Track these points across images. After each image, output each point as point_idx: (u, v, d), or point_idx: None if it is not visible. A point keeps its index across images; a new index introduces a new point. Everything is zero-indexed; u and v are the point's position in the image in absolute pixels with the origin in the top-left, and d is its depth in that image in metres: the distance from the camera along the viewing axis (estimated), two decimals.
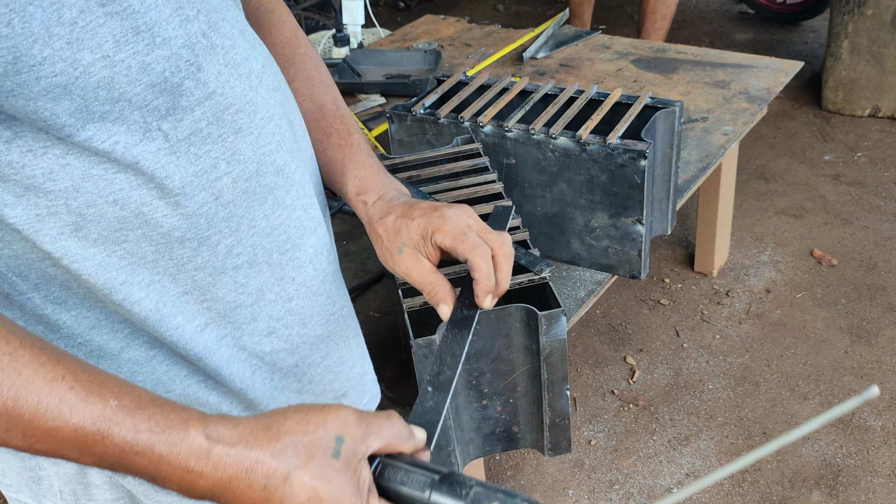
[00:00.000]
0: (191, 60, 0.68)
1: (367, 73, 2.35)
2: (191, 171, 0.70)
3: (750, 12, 4.54)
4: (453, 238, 0.80)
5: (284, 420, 0.58)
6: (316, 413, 0.59)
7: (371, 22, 3.18)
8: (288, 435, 0.57)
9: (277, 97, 0.79)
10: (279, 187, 0.79)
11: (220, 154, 0.72)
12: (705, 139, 1.91)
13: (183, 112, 0.68)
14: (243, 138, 0.74)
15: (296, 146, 0.82)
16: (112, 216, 0.68)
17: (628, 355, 2.37)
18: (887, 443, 2.03)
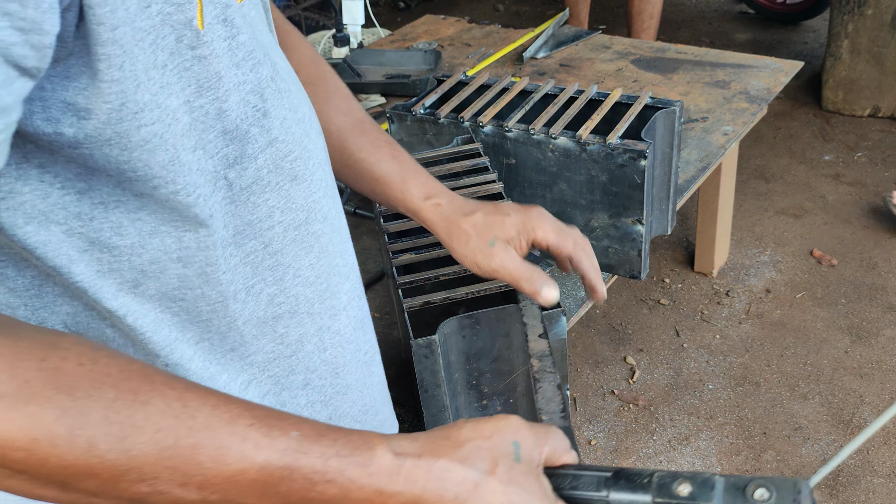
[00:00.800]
0: (258, 106, 0.65)
1: (367, 73, 2.35)
2: (246, 219, 0.67)
3: (750, 12, 4.54)
4: (556, 235, 0.88)
5: (460, 430, 0.57)
6: (488, 422, 0.58)
7: (371, 22, 3.18)
8: (469, 442, 0.56)
9: (322, 141, 0.77)
10: (324, 234, 0.76)
11: (277, 202, 0.69)
12: (705, 139, 1.91)
13: (248, 160, 0.65)
14: (298, 185, 0.71)
15: (335, 191, 0.80)
16: (173, 273, 0.64)
17: (628, 355, 2.37)
18: (887, 443, 2.03)
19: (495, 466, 0.55)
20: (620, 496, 0.58)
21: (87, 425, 0.48)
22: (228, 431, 0.50)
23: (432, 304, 1.06)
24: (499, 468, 0.55)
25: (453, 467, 0.54)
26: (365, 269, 1.57)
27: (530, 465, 0.57)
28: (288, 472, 0.51)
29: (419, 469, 0.54)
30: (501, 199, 1.23)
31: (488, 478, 0.55)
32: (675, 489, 0.57)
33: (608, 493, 0.59)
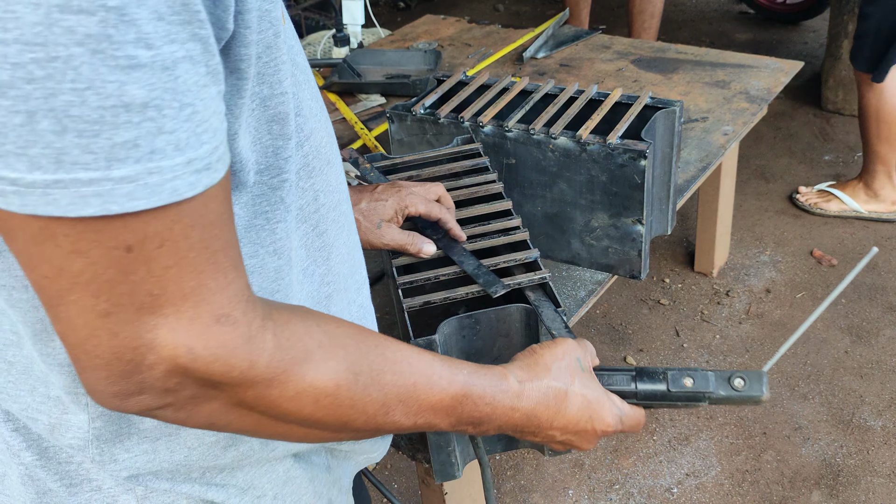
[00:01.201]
0: (296, 94, 0.67)
1: (367, 73, 2.35)
2: (298, 204, 0.70)
3: (750, 12, 4.54)
4: (425, 206, 1.11)
5: (542, 356, 0.79)
6: (556, 346, 0.81)
7: (371, 22, 3.18)
8: (553, 363, 0.78)
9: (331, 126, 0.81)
10: (348, 212, 0.81)
11: (321, 186, 0.73)
12: (705, 139, 1.91)
13: (299, 146, 0.68)
14: (332, 169, 0.76)
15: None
16: (271, 266, 0.67)
17: (628, 355, 2.37)
18: (887, 443, 2.03)
19: (573, 378, 0.79)
20: (645, 387, 0.84)
21: (362, 371, 0.62)
22: (431, 371, 0.68)
23: (432, 304, 1.06)
24: (575, 378, 0.79)
25: (551, 384, 0.77)
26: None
27: (589, 371, 0.81)
28: (465, 397, 0.70)
29: (532, 389, 0.76)
30: (501, 198, 1.23)
31: (571, 387, 0.78)
32: (682, 381, 0.84)
33: (636, 385, 0.84)
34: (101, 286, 0.49)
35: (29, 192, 0.46)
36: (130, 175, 0.46)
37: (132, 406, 0.54)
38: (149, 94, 0.46)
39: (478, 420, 0.72)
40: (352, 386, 0.61)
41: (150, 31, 0.45)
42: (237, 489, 0.76)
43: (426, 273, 1.10)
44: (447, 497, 1.37)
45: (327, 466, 0.86)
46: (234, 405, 0.57)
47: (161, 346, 0.51)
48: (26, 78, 0.43)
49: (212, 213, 0.52)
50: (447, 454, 1.10)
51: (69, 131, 0.45)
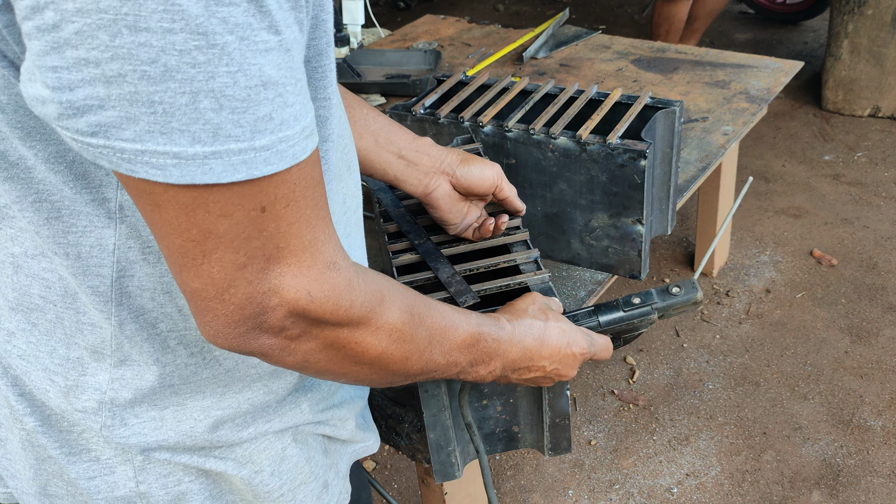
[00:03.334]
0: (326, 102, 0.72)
1: (367, 73, 2.35)
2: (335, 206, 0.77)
3: (750, 12, 4.54)
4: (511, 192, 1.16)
5: (518, 304, 0.90)
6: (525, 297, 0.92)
7: (371, 22, 3.18)
8: (529, 307, 0.90)
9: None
10: (360, 217, 0.87)
11: (347, 190, 0.80)
12: (705, 139, 1.91)
13: (326, 152, 0.73)
14: (351, 174, 0.81)
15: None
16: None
17: (628, 355, 2.37)
18: (887, 443, 2.03)
19: (547, 315, 0.90)
20: (605, 317, 0.97)
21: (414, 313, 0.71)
22: (453, 315, 0.77)
23: None
24: (549, 315, 0.90)
25: (533, 322, 0.88)
26: None
27: (556, 312, 0.92)
28: (479, 335, 0.80)
29: (520, 325, 0.86)
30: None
31: (547, 322, 0.89)
32: (632, 300, 0.97)
33: (598, 318, 0.97)
34: (241, 243, 0.56)
35: (189, 164, 0.51)
36: (267, 144, 0.53)
37: (250, 343, 0.61)
38: (278, 73, 0.53)
39: (488, 356, 0.81)
40: (410, 323, 0.70)
41: (278, 18, 0.52)
42: (236, 462, 0.79)
43: (426, 273, 1.10)
44: (447, 497, 1.37)
45: (324, 450, 0.88)
46: (328, 344, 0.64)
47: (285, 289, 0.59)
48: (191, 63, 0.49)
49: (317, 174, 0.59)
50: (447, 454, 1.10)
51: (224, 109, 0.51)
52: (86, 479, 0.76)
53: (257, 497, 0.81)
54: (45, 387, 0.73)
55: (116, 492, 0.77)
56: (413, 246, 1.14)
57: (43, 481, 0.79)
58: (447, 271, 1.09)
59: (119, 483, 0.77)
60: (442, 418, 1.06)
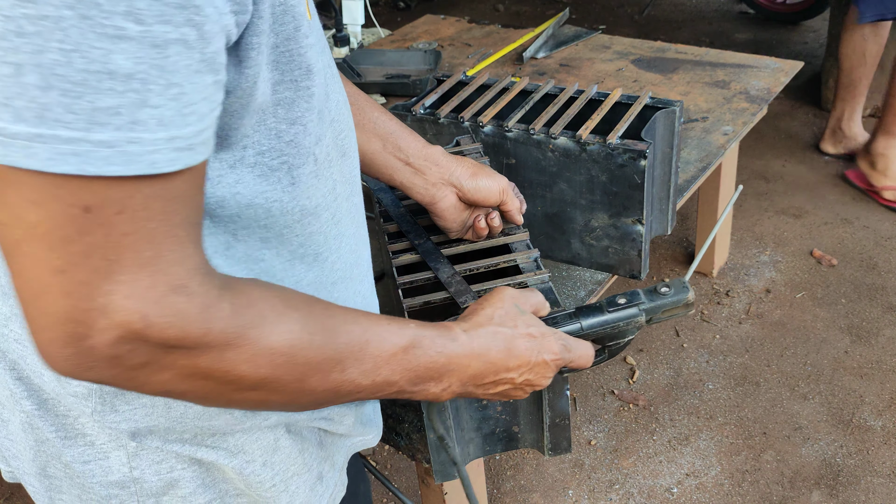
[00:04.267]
0: (325, 89, 0.71)
1: (367, 73, 2.35)
2: (322, 191, 0.74)
3: (750, 12, 4.54)
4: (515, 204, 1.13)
5: (484, 309, 0.82)
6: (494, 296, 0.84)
7: (371, 22, 3.18)
8: (495, 313, 0.81)
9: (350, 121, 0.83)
10: (360, 204, 0.85)
11: (339, 176, 0.77)
12: (705, 139, 1.91)
13: (324, 138, 0.72)
14: (346, 161, 0.79)
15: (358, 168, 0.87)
16: (258, 236, 0.70)
17: (628, 355, 2.37)
18: (887, 443, 2.03)
19: (516, 321, 0.82)
20: (588, 321, 0.88)
21: (316, 332, 0.64)
22: (381, 329, 0.70)
23: (432, 304, 1.06)
24: (518, 321, 0.82)
25: (498, 329, 0.80)
26: None
27: (529, 314, 0.84)
28: (417, 348, 0.72)
29: (480, 336, 0.78)
30: None
31: (515, 329, 0.81)
32: (616, 300, 0.89)
33: (578, 321, 0.88)
34: (57, 242, 0.50)
35: (10, 144, 0.48)
36: (109, 140, 0.49)
37: (82, 371, 0.55)
38: (135, 67, 0.48)
39: (436, 372, 0.74)
40: (306, 346, 0.63)
41: (142, 7, 0.47)
42: (227, 452, 0.79)
43: (426, 273, 1.10)
44: (447, 497, 1.37)
45: (319, 442, 0.88)
46: (189, 374, 0.58)
47: (114, 311, 0.52)
48: (16, 31, 0.45)
49: (178, 190, 0.54)
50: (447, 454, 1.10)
51: (53, 89, 0.47)
52: (80, 462, 0.77)
53: (249, 487, 0.82)
54: (40, 370, 0.73)
55: (111, 476, 0.77)
56: (413, 246, 1.14)
57: (42, 462, 0.79)
58: (447, 271, 1.09)
59: (113, 468, 0.77)
60: (442, 418, 1.06)
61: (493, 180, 1.07)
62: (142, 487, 0.78)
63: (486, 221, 1.09)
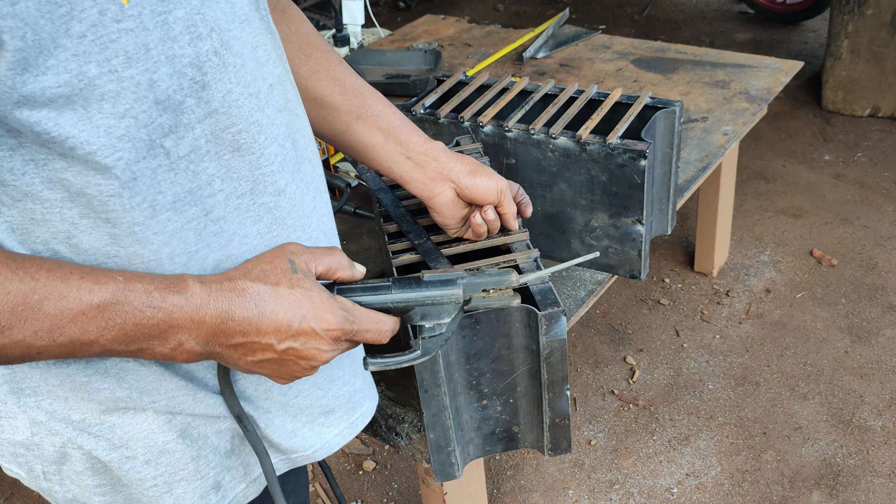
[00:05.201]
0: (196, 79, 0.68)
1: (367, 73, 2.35)
2: (186, 187, 0.71)
3: (750, 12, 4.55)
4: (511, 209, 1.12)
5: (247, 262, 0.75)
6: (267, 253, 0.76)
7: (371, 22, 3.18)
8: (256, 267, 0.74)
9: (283, 117, 0.80)
10: (280, 208, 0.80)
11: (216, 171, 0.73)
12: (705, 139, 1.91)
13: (185, 129, 0.69)
14: (242, 157, 0.75)
15: (298, 166, 0.83)
16: (104, 231, 0.69)
17: (628, 355, 2.37)
18: (887, 443, 2.03)
19: (279, 279, 0.73)
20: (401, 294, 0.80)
21: None
22: (65, 285, 0.64)
23: None
24: (282, 280, 0.73)
25: (249, 285, 0.72)
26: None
27: (306, 273, 0.75)
28: (120, 306, 0.66)
29: (223, 290, 0.71)
30: None
31: (276, 287, 0.73)
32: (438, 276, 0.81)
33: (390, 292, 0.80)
34: None
35: None
36: None
37: None
38: None
39: (155, 330, 0.68)
40: None
41: None
42: (109, 443, 0.79)
43: None
44: (447, 497, 1.37)
45: (230, 450, 0.87)
46: None
47: None
48: None
49: None
50: (447, 454, 1.10)
51: None
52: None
53: (129, 483, 0.82)
54: None
55: (16, 436, 0.81)
56: (413, 246, 1.14)
57: None
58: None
59: (19, 429, 0.80)
60: (442, 418, 1.06)
61: (492, 179, 1.06)
62: (43, 453, 0.81)
63: (480, 216, 1.08)
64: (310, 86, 1.01)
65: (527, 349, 1.05)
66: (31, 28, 0.57)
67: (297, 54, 1.00)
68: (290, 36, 1.00)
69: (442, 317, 0.82)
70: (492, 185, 1.06)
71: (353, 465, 2.13)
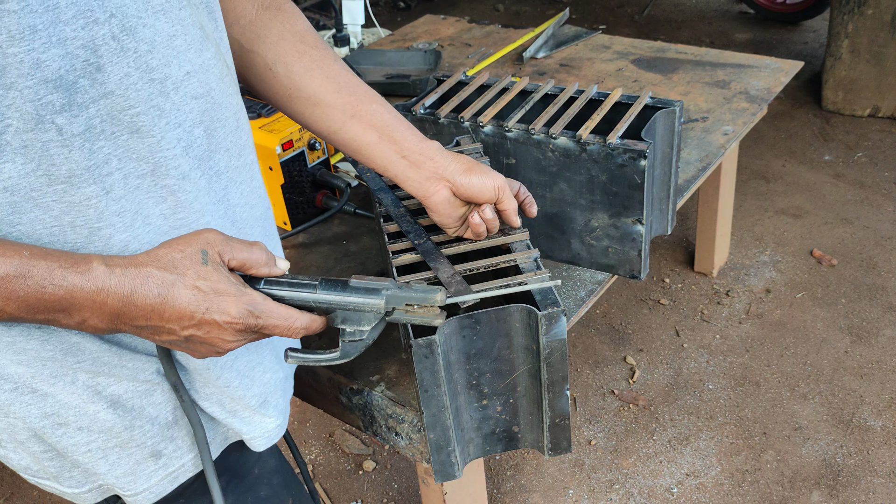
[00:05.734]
0: (90, 61, 0.70)
1: (367, 73, 2.35)
2: (83, 164, 0.73)
3: (750, 12, 4.55)
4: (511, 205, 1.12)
5: (160, 248, 0.75)
6: (182, 237, 0.77)
7: (371, 22, 3.18)
8: (166, 254, 0.75)
9: (198, 105, 0.81)
10: (184, 191, 0.81)
11: (113, 151, 0.75)
12: (705, 139, 1.91)
13: (78, 108, 0.71)
14: (141, 139, 0.76)
15: (209, 154, 0.84)
16: (3, 200, 0.71)
17: (628, 355, 2.37)
18: (887, 443, 2.03)
19: (186, 269, 0.74)
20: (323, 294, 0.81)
21: None
22: None
23: None
24: (189, 270, 0.74)
25: (154, 272, 0.73)
26: (365, 269, 1.57)
27: (216, 266, 0.76)
28: (22, 280, 0.69)
29: (127, 275, 0.72)
30: None
31: (182, 277, 0.74)
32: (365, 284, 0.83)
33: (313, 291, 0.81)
34: None
35: None
36: None
37: None
38: None
39: (57, 304, 0.71)
40: None
41: None
42: (40, 411, 0.81)
43: (426, 273, 1.10)
44: (447, 497, 1.37)
45: (170, 422, 0.88)
46: None
47: None
48: None
49: None
50: (447, 454, 1.10)
51: None
52: None
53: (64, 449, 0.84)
54: None
55: None
56: (413, 246, 1.14)
57: None
58: (447, 271, 1.09)
59: None
60: (442, 418, 1.06)
61: (489, 178, 1.06)
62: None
63: (478, 215, 1.08)
64: (304, 83, 1.01)
65: (527, 349, 1.05)
66: None
67: (290, 52, 1.01)
68: (283, 34, 1.00)
69: (363, 323, 0.83)
70: (488, 183, 1.06)
71: (353, 465, 2.13)
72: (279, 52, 1.00)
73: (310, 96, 1.01)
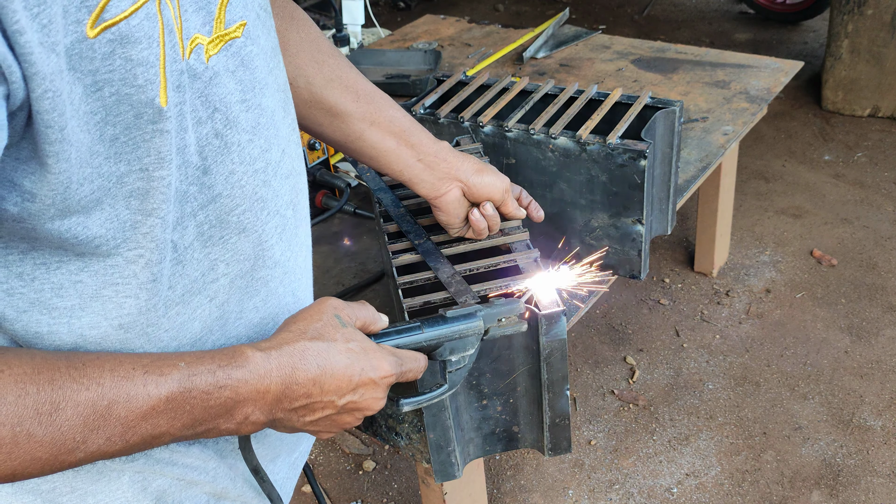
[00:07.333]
0: (197, 165, 0.65)
1: (368, 73, 2.35)
2: (192, 277, 0.69)
3: (750, 12, 4.54)
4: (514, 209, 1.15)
5: (296, 322, 0.73)
6: (312, 309, 0.75)
7: (371, 22, 3.18)
8: (309, 327, 0.72)
9: (289, 183, 0.77)
10: (273, 279, 0.78)
11: (220, 255, 0.71)
12: (705, 139, 1.91)
13: (188, 219, 0.66)
14: (246, 237, 0.73)
15: (295, 231, 0.81)
16: (115, 339, 0.66)
17: (628, 355, 2.37)
18: (887, 443, 2.03)
19: (333, 335, 0.72)
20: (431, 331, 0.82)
21: (23, 420, 0.55)
22: (131, 384, 0.60)
23: (432, 304, 1.06)
24: (336, 335, 0.73)
25: (308, 345, 0.70)
26: (365, 269, 1.57)
27: (352, 327, 0.76)
28: (187, 393, 0.63)
29: (284, 354, 0.69)
30: None
31: (333, 343, 0.72)
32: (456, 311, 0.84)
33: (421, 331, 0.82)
34: None
35: None
36: None
37: None
38: None
39: (222, 409, 0.65)
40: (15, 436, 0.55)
41: None
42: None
43: (426, 273, 1.10)
44: (447, 497, 1.37)
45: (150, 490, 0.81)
46: None
47: None
48: None
49: None
50: (447, 454, 1.10)
51: None
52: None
53: None
54: None
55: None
56: (413, 246, 1.15)
57: None
58: (447, 271, 1.09)
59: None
60: (442, 418, 1.06)
61: (498, 178, 1.08)
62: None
63: (479, 212, 1.09)
64: (325, 95, 1.00)
65: (527, 349, 1.05)
66: (74, 147, 0.54)
67: (310, 63, 0.99)
68: (301, 44, 0.99)
69: (467, 349, 0.85)
70: (498, 183, 1.08)
71: (353, 465, 2.13)
72: (298, 65, 0.99)
73: (330, 108, 1.01)
